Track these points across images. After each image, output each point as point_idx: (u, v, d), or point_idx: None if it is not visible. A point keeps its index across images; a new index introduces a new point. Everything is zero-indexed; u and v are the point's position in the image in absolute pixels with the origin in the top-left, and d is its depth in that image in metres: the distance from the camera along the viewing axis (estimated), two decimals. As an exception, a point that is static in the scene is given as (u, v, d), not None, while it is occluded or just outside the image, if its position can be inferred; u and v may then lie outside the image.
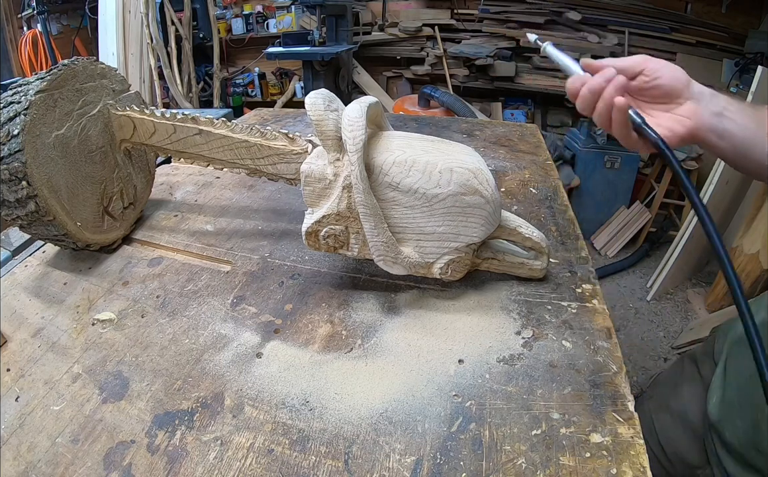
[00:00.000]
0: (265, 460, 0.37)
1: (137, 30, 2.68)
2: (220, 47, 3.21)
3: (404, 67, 3.24)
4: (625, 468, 0.35)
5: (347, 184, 0.46)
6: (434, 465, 0.36)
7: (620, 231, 2.39)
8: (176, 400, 0.43)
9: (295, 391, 0.43)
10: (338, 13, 2.64)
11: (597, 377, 0.42)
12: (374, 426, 0.39)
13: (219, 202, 0.76)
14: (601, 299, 0.52)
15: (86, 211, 0.59)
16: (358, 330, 0.50)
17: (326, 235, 0.49)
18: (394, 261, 0.48)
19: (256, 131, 0.56)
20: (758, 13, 2.54)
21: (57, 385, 0.45)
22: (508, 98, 3.10)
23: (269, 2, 3.39)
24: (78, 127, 0.57)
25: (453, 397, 0.41)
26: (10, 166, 0.49)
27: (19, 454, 0.39)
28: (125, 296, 0.56)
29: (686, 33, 2.69)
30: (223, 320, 0.52)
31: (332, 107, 0.47)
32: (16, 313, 0.55)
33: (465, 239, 0.49)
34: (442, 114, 2.44)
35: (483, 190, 0.47)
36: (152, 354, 0.48)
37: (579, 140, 2.43)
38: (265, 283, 0.57)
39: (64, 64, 0.56)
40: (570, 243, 0.62)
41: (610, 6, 2.79)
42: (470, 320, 0.50)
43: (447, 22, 3.05)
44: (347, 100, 0.57)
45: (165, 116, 0.59)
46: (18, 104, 0.50)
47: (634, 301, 2.10)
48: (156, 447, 0.38)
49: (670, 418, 0.66)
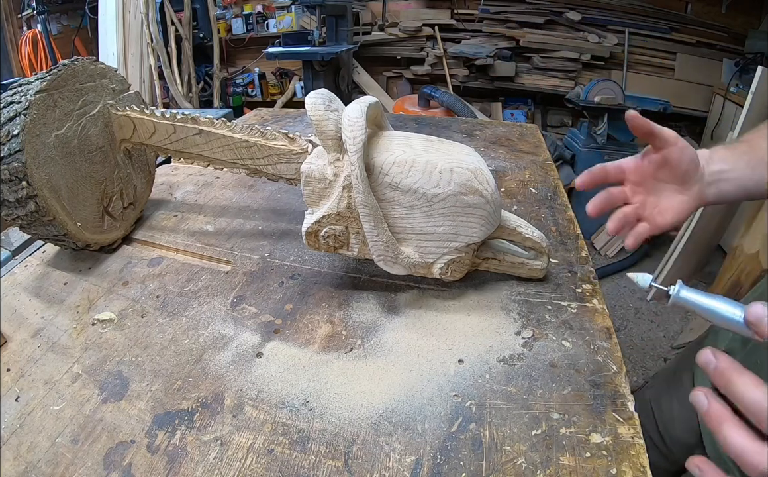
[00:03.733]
0: (265, 460, 0.37)
1: (137, 30, 2.68)
2: (220, 47, 3.21)
3: (404, 67, 3.25)
4: (625, 468, 0.35)
5: (347, 184, 0.46)
6: (434, 465, 0.36)
7: (620, 231, 2.39)
8: (176, 400, 0.42)
9: (295, 391, 0.43)
10: (338, 13, 2.64)
11: (597, 377, 0.42)
12: (374, 426, 0.39)
13: (219, 202, 0.76)
14: (601, 299, 0.52)
15: (86, 211, 0.59)
16: (358, 330, 0.50)
17: (326, 235, 0.49)
18: (394, 261, 0.48)
19: (256, 131, 0.56)
20: (758, 13, 2.54)
21: (57, 385, 0.45)
22: (508, 98, 3.10)
23: (269, 2, 3.39)
24: (78, 127, 0.57)
25: (453, 397, 0.41)
26: (10, 166, 0.49)
27: (19, 454, 0.39)
28: (125, 296, 0.56)
29: (686, 33, 2.69)
30: (223, 320, 0.52)
31: (332, 107, 0.47)
32: (16, 313, 0.55)
33: (465, 239, 0.49)
34: (442, 114, 2.44)
35: (483, 190, 0.47)
36: (152, 354, 0.48)
37: (579, 140, 2.43)
38: (265, 283, 0.57)
39: (64, 64, 0.56)
40: (570, 243, 0.62)
41: (610, 6, 2.79)
42: (470, 320, 0.50)
43: (447, 22, 3.06)
44: (347, 100, 0.57)
45: (165, 116, 0.59)
46: (18, 104, 0.50)
47: (634, 301, 2.10)
48: (156, 447, 0.38)
49: (669, 404, 0.67)
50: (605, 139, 2.31)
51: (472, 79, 3.03)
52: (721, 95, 2.50)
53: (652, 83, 2.77)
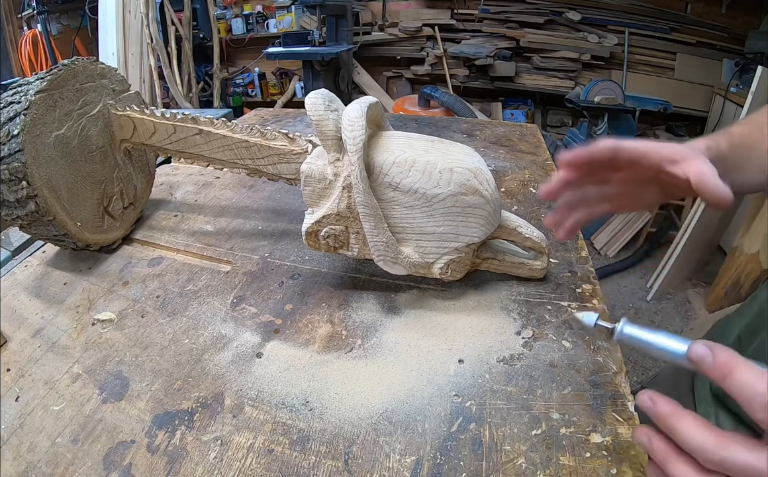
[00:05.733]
0: (265, 460, 0.37)
1: (137, 30, 2.67)
2: (220, 47, 3.21)
3: (404, 67, 3.25)
4: (625, 468, 0.35)
5: (347, 184, 0.46)
6: (434, 465, 0.36)
7: (620, 231, 2.39)
8: (176, 400, 0.43)
9: (295, 391, 0.43)
10: (338, 13, 2.64)
11: (597, 377, 0.42)
12: (374, 426, 0.39)
13: (219, 202, 0.76)
14: (601, 299, 0.52)
15: (86, 211, 0.59)
16: (358, 330, 0.50)
17: (326, 235, 0.49)
18: (394, 261, 0.48)
19: (256, 131, 0.56)
20: (758, 13, 2.54)
21: (57, 385, 0.45)
22: (508, 98, 3.10)
23: (269, 2, 3.39)
24: (78, 127, 0.57)
25: (453, 397, 0.41)
26: (10, 166, 0.49)
27: (19, 454, 0.39)
28: (125, 296, 0.56)
29: (686, 33, 2.69)
30: (223, 320, 0.52)
31: (332, 107, 0.47)
32: (16, 313, 0.55)
33: (465, 239, 0.49)
34: (442, 114, 2.44)
35: (483, 190, 0.47)
36: (152, 354, 0.48)
37: (579, 140, 2.43)
38: (265, 283, 0.57)
39: (64, 64, 0.56)
40: (570, 243, 0.62)
41: (610, 6, 2.79)
42: (470, 320, 0.50)
43: (447, 22, 3.06)
44: (347, 100, 0.57)
45: (165, 116, 0.59)
46: (18, 104, 0.50)
47: (634, 301, 2.10)
48: (156, 447, 0.38)
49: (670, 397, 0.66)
50: (605, 139, 2.31)
51: (472, 79, 3.03)
52: (721, 95, 2.50)
53: (652, 83, 2.77)
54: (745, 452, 0.25)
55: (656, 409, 0.29)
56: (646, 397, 0.30)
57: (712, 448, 0.26)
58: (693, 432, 0.27)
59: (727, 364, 0.27)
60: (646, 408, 0.30)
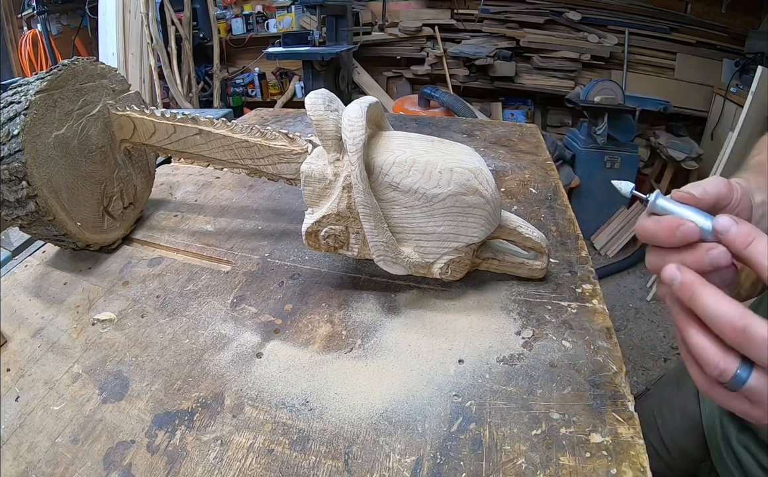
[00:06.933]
0: (265, 460, 0.37)
1: (137, 30, 2.68)
2: (220, 47, 3.22)
3: (404, 67, 3.25)
4: (625, 468, 0.35)
5: (347, 184, 0.46)
6: (434, 465, 0.36)
7: (620, 231, 2.39)
8: (176, 400, 0.43)
9: (295, 391, 0.43)
10: (338, 13, 2.64)
11: (597, 377, 0.42)
12: (374, 426, 0.39)
13: (219, 202, 0.76)
14: (601, 299, 0.52)
15: (86, 211, 0.59)
16: (358, 330, 0.50)
17: (326, 235, 0.49)
18: (394, 261, 0.48)
19: (256, 131, 0.56)
20: (758, 13, 2.54)
21: (57, 385, 0.45)
22: (508, 98, 3.10)
23: (269, 2, 3.39)
24: (78, 127, 0.57)
25: (453, 397, 0.41)
26: (10, 166, 0.49)
27: (19, 454, 0.39)
28: (125, 296, 0.56)
29: (686, 33, 2.69)
30: (223, 320, 0.52)
31: (332, 107, 0.47)
32: (16, 313, 0.55)
33: (465, 239, 0.49)
34: (442, 114, 2.44)
35: (483, 190, 0.47)
36: (152, 354, 0.48)
37: (579, 140, 2.43)
38: (265, 283, 0.57)
39: (64, 64, 0.56)
40: (570, 243, 0.62)
41: (610, 6, 2.79)
42: (470, 320, 0.50)
43: (447, 22, 3.06)
44: (347, 100, 0.58)
45: (165, 116, 0.59)
46: (18, 104, 0.50)
47: (634, 301, 2.10)
48: (156, 447, 0.38)
49: (672, 413, 0.66)
50: (605, 139, 2.31)
51: (472, 79, 3.03)
52: (721, 95, 2.50)
53: (652, 83, 2.77)
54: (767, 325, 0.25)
55: (683, 276, 0.29)
56: (672, 267, 0.29)
57: (738, 315, 0.26)
58: (718, 299, 0.27)
59: (750, 234, 0.28)
60: (672, 277, 0.29)
